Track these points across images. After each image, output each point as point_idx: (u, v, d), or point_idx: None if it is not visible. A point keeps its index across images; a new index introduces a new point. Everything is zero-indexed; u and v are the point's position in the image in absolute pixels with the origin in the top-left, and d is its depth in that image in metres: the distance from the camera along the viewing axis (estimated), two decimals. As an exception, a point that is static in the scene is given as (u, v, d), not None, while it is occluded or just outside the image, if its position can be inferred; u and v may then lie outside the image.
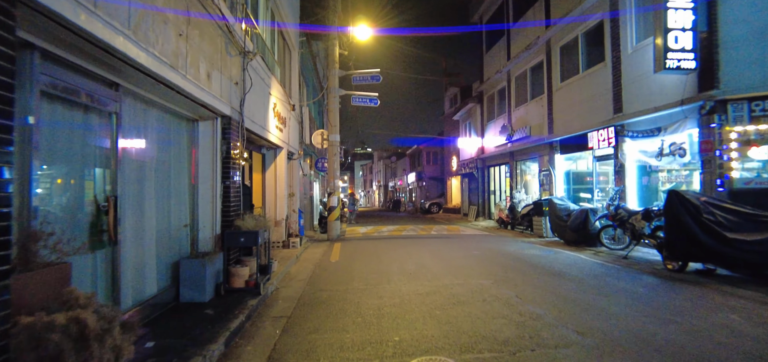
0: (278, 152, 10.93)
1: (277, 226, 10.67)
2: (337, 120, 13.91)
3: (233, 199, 6.45)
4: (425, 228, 16.88)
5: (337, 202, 13.83)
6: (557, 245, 11.28)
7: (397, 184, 52.41)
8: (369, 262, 8.79)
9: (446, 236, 13.81)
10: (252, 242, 5.92)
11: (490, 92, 19.87)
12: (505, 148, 17.71)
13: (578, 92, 12.59)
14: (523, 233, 14.62)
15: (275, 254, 9.58)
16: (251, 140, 8.87)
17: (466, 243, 11.86)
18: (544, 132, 14.61)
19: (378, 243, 12.18)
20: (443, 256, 9.36)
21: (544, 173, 14.99)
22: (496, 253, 9.75)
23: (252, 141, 8.93)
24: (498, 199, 19.37)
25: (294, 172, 13.11)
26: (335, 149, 13.85)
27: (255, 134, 8.08)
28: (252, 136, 8.39)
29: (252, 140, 8.85)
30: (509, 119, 17.50)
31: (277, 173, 10.92)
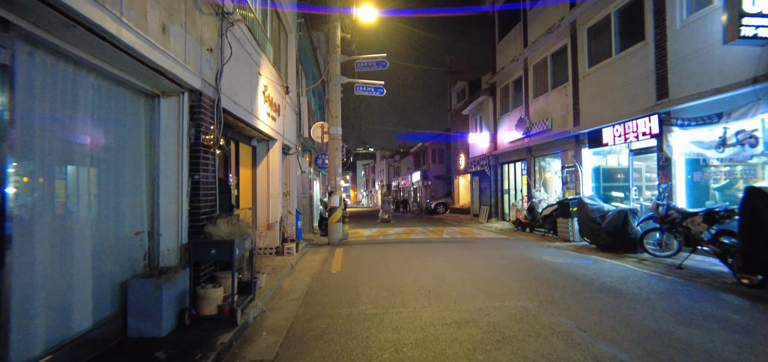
0: (271, 144, 9.52)
1: (270, 230, 9.26)
2: (338, 111, 12.50)
3: (205, 198, 5.03)
4: (435, 230, 15.44)
5: (339, 202, 12.41)
6: (590, 251, 9.84)
7: (400, 183, 50.96)
8: (376, 273, 7.37)
9: (460, 240, 12.37)
10: (226, 255, 4.50)
11: (504, 83, 18.42)
12: (521, 143, 16.26)
13: (610, 78, 11.13)
14: (544, 236, 13.17)
15: (267, 263, 8.17)
16: (234, 127, 7.46)
17: (485, 249, 10.42)
18: (568, 124, 13.16)
19: (385, 249, 10.75)
20: (464, 265, 7.92)
21: (569, 170, 13.54)
22: (525, 261, 8.31)
23: (235, 128, 7.51)
24: (513, 199, 17.91)
25: (290, 168, 11.70)
26: (337, 142, 12.43)
27: (239, 119, 6.66)
28: (236, 122, 6.98)
29: (234, 126, 7.43)
30: (526, 112, 16.05)
31: (270, 168, 9.50)
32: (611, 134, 11.03)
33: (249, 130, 8.10)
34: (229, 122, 6.80)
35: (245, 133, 8.38)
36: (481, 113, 21.10)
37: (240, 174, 8.28)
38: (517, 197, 17.51)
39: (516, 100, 17.44)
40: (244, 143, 8.59)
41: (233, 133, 7.75)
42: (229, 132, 7.58)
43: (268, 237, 9.17)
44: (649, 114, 9.54)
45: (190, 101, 4.92)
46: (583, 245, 10.91)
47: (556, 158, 14.96)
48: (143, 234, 4.50)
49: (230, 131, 7.52)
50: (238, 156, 8.23)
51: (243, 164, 8.53)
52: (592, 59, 12.09)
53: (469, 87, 27.33)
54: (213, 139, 5.17)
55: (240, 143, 8.27)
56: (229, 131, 7.48)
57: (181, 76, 4.48)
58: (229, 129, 7.38)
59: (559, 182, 15.03)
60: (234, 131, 7.72)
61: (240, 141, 8.27)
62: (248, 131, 8.27)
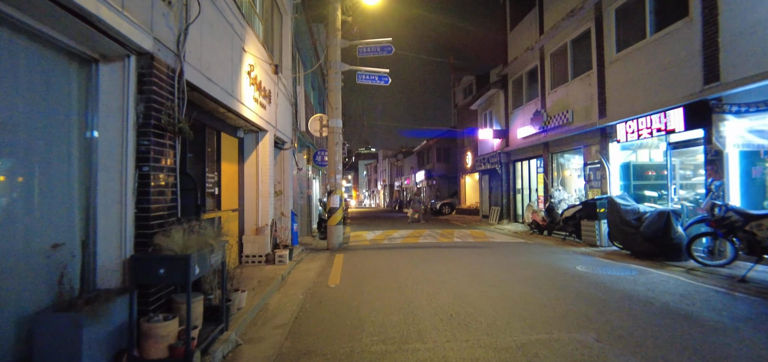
0: (261, 136, 8.31)
1: (259, 235, 8.05)
2: (338, 101, 11.28)
3: (158, 197, 3.82)
4: (445, 233, 14.20)
5: (340, 203, 11.19)
6: (623, 258, 8.60)
7: (403, 183, 49.73)
8: (383, 288, 6.14)
9: (475, 245, 11.14)
10: (178, 275, 3.29)
11: (517, 74, 17.16)
12: (537, 138, 15.01)
13: (644, 63, 9.88)
14: (565, 240, 11.93)
15: (253, 275, 6.96)
16: (213, 113, 6.25)
17: (504, 255, 9.18)
18: (591, 117, 11.90)
19: (391, 255, 9.52)
20: (486, 277, 6.69)
21: (592, 167, 12.28)
22: (556, 272, 7.07)
23: (214, 114, 6.29)
24: (528, 199, 16.65)
25: (284, 165, 10.49)
26: (337, 136, 11.21)
27: (215, 100, 5.45)
28: (215, 107, 5.77)
29: (212, 112, 6.22)
30: (543, 104, 14.80)
31: (260, 164, 8.30)
32: (645, 125, 9.77)
33: (232, 117, 6.89)
34: (201, 103, 5.59)
35: (229, 121, 7.17)
36: (490, 107, 19.85)
37: (222, 170, 7.06)
38: (532, 197, 16.26)
39: (530, 92, 16.19)
40: (228, 133, 7.38)
41: (213, 120, 6.54)
42: (208, 119, 6.37)
43: (256, 243, 7.96)
44: (694, 101, 8.28)
45: (139, 68, 3.71)
46: (613, 251, 9.68)
47: (576, 154, 13.70)
48: (63, 247, 3.29)
49: (208, 118, 6.31)
50: (220, 149, 7.02)
51: (226, 159, 7.32)
52: (621, 43, 10.83)
53: (476, 82, 26.09)
54: (172, 120, 3.95)
55: (222, 132, 7.06)
56: (207, 117, 6.27)
57: (122, 31, 3.27)
58: (206, 115, 6.18)
59: (580, 181, 13.77)
60: (213, 117, 6.51)
61: (222, 131, 7.06)
62: (232, 119, 7.06)
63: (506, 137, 18.03)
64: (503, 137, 18.14)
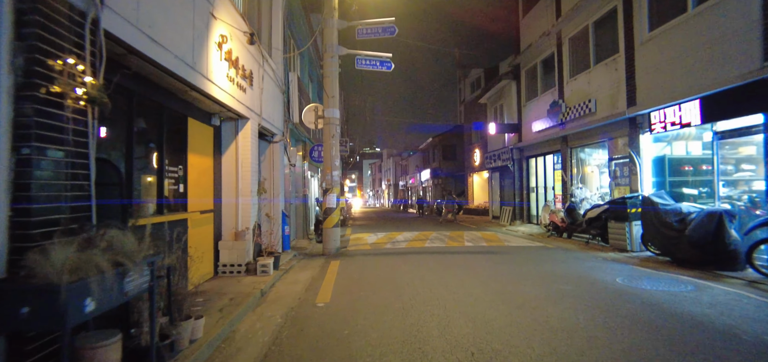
0: (241, 125, 7.13)
1: (238, 240, 6.86)
2: (335, 89, 10.08)
3: (46, 194, 2.63)
4: (453, 236, 12.95)
5: (336, 203, 9.99)
6: (664, 266, 7.36)
7: (408, 182, 48.49)
8: (382, 310, 4.93)
9: (488, 250, 9.90)
10: (49, 318, 2.08)
11: (531, 63, 15.88)
12: (554, 132, 13.73)
13: (684, 41, 8.60)
14: (589, 244, 10.66)
15: (227, 290, 5.78)
16: (171, 90, 5.05)
17: (526, 264, 7.95)
18: (618, 105, 10.62)
19: (394, 263, 8.32)
20: (511, 295, 5.46)
21: (619, 162, 11.00)
22: (595, 288, 5.82)
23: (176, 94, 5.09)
24: (544, 198, 15.36)
25: (274, 160, 9.31)
26: (333, 128, 10.01)
27: (163, 69, 4.27)
28: (170, 82, 4.59)
29: (169, 89, 5.02)
30: (560, 94, 13.51)
31: (240, 157, 7.11)
32: (689, 111, 8.49)
33: (202, 99, 5.72)
34: (153, 76, 4.41)
35: (198, 104, 5.99)
36: (501, 100, 18.58)
37: (189, 163, 5.87)
38: (548, 196, 14.97)
39: (546, 82, 14.91)
40: (199, 119, 6.19)
41: (174, 101, 5.36)
42: (167, 99, 5.20)
43: (234, 251, 6.77)
44: (751, 80, 7.00)
45: (17, 2, 2.52)
46: (648, 258, 8.42)
47: (600, 148, 12.42)
48: None
49: (167, 97, 5.13)
50: (187, 137, 5.83)
51: (196, 150, 6.13)
52: (655, 20, 9.54)
53: (484, 75, 24.81)
54: (77, 84, 2.76)
55: (189, 118, 5.87)
56: (165, 96, 5.09)
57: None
58: (164, 93, 4.99)
59: (603, 178, 12.51)
60: (175, 97, 5.33)
61: (189, 115, 5.88)
62: (202, 102, 5.88)
63: (519, 132, 16.75)
64: (516, 131, 16.86)
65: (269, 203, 9.23)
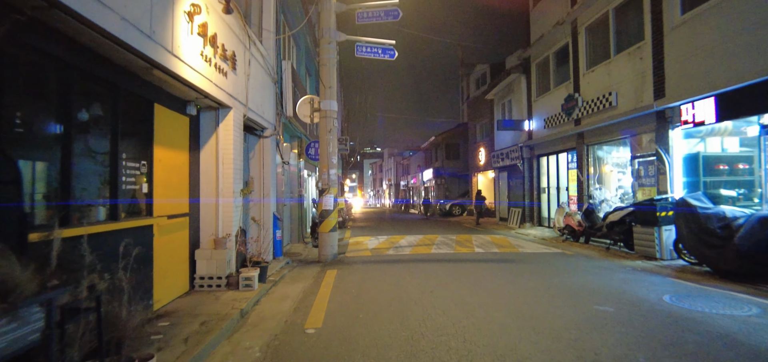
0: (221, 115, 6.18)
1: (218, 248, 5.91)
2: (333, 79, 9.12)
3: None
4: (461, 241, 11.99)
5: (334, 204, 9.04)
6: (708, 279, 6.42)
7: (410, 182, 47.53)
8: (386, 342, 3.98)
9: (503, 258, 8.95)
10: None
11: (542, 56, 14.91)
12: (568, 128, 12.77)
13: (723, 23, 7.64)
14: (610, 250, 9.70)
15: (199, 309, 4.85)
16: (119, 63, 4.07)
17: (549, 275, 7.00)
18: (644, 98, 9.66)
19: (398, 274, 7.36)
20: (542, 320, 4.50)
21: (643, 160, 10.04)
22: (643, 311, 4.86)
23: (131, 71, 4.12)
24: (556, 199, 14.37)
25: (264, 157, 8.37)
26: (330, 122, 9.05)
27: (104, 32, 3.32)
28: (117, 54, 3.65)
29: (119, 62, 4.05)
30: (576, 87, 12.54)
31: (221, 152, 6.16)
32: (740, 102, 7.53)
33: (171, 82, 4.77)
34: (94, 44, 3.46)
35: (167, 88, 5.04)
36: (510, 95, 17.60)
37: (156, 158, 4.92)
38: (562, 197, 14.00)
39: (559, 75, 13.93)
40: (169, 107, 5.24)
41: (134, 82, 4.41)
42: (125, 80, 4.25)
43: (213, 261, 5.82)
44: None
45: None
46: (683, 268, 7.48)
47: (620, 145, 11.47)
48: None
49: (125, 77, 4.17)
50: (153, 127, 4.88)
51: (166, 142, 5.18)
52: (688, 3, 8.57)
53: (490, 70, 23.83)
54: None
55: (155, 104, 4.92)
56: (124, 76, 4.13)
57: None
58: (121, 73, 4.03)
59: (625, 177, 11.57)
60: (135, 78, 4.38)
61: (156, 101, 4.92)
62: (172, 86, 4.93)
63: (529, 129, 15.78)
64: (525, 128, 15.89)
65: (260, 204, 8.30)
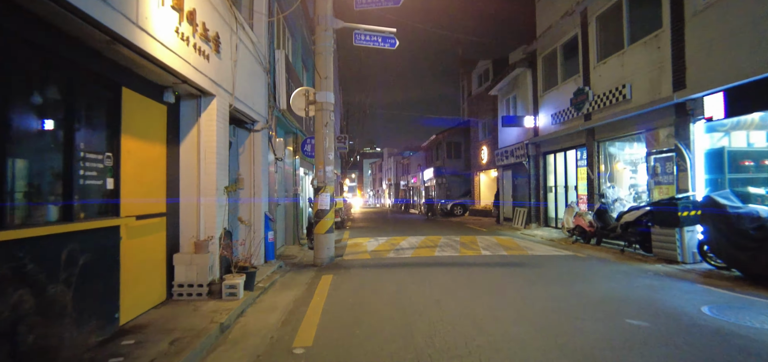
0: (203, 104, 5.55)
1: (199, 252, 5.29)
2: (329, 68, 8.50)
3: None
4: (466, 242, 11.36)
5: (330, 203, 8.42)
6: (741, 285, 5.82)
7: (410, 181, 46.91)
8: (388, 362, 3.36)
9: (512, 262, 8.33)
10: None
11: (549, 49, 14.29)
12: (578, 124, 12.15)
13: (751, 6, 7.04)
14: (625, 252, 9.10)
15: (173, 324, 4.25)
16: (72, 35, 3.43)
17: (567, 282, 6.38)
18: (661, 90, 9.04)
19: (400, 280, 6.75)
20: (575, 344, 3.87)
21: (660, 157, 9.42)
22: (683, 326, 4.25)
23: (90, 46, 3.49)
24: (564, 198, 13.74)
25: (254, 152, 7.76)
26: (327, 115, 8.43)
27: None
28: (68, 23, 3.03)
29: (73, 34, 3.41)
30: (586, 81, 11.93)
31: (203, 146, 5.54)
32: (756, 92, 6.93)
33: (140, 62, 4.15)
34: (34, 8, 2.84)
35: (138, 70, 4.41)
36: (515, 91, 16.98)
37: (124, 149, 4.30)
38: (570, 196, 13.38)
39: (568, 68, 13.32)
40: (142, 92, 4.61)
41: (94, 60, 3.78)
42: (85, 57, 3.63)
43: (194, 266, 5.20)
44: None
45: None
46: (708, 271, 6.89)
47: (634, 141, 10.86)
48: None
49: (81, 54, 3.55)
50: (121, 114, 4.26)
51: (139, 133, 4.56)
52: (712, -13, 7.97)
53: (493, 66, 23.23)
54: None
55: (123, 87, 4.30)
56: (77, 50, 3.51)
57: None
58: (72, 45, 3.41)
59: (637, 175, 10.97)
60: (97, 56, 3.75)
61: (125, 85, 4.31)
62: (143, 67, 4.31)
63: (535, 125, 15.16)
64: (530, 124, 15.27)
65: (250, 203, 7.68)
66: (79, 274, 3.38)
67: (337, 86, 30.06)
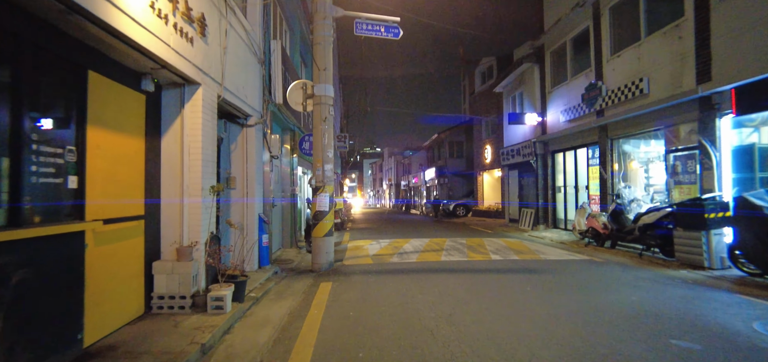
0: (188, 92, 4.97)
1: (182, 260, 4.71)
2: (329, 59, 7.92)
3: None
4: (473, 245, 10.77)
5: (330, 205, 7.84)
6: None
7: (411, 181, 46.33)
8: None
9: (527, 269, 7.76)
10: None
11: (558, 43, 13.72)
12: (590, 120, 11.58)
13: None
14: (643, 256, 8.53)
15: (150, 343, 3.68)
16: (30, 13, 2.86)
17: (592, 292, 5.81)
18: (683, 83, 8.47)
19: (406, 289, 6.17)
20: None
21: (682, 154, 8.85)
22: (744, 350, 3.67)
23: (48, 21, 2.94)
24: (574, 198, 13.16)
25: (247, 149, 7.19)
26: (326, 110, 7.85)
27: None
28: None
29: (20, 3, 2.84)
30: (598, 75, 11.35)
31: (187, 139, 4.96)
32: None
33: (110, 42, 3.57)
34: None
35: (107, 51, 3.83)
36: (521, 87, 16.40)
37: (90, 143, 3.72)
38: (581, 196, 12.80)
39: (578, 63, 12.74)
40: (112, 77, 4.03)
41: (51, 37, 3.20)
42: (35, 30, 3.05)
43: (176, 276, 4.62)
44: None
45: None
46: (740, 278, 6.33)
47: (652, 138, 10.28)
48: None
49: (34, 27, 2.97)
50: (87, 101, 3.68)
51: (110, 123, 3.98)
52: (740, -29, 7.39)
53: (497, 63, 22.64)
54: None
55: (90, 71, 3.72)
56: (28, 23, 2.93)
57: None
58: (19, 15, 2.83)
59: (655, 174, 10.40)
60: (54, 31, 3.17)
61: (91, 67, 3.73)
62: (114, 49, 3.73)
63: (542, 123, 14.58)
64: (538, 122, 14.68)
65: (242, 204, 7.11)
66: (29, 290, 2.80)
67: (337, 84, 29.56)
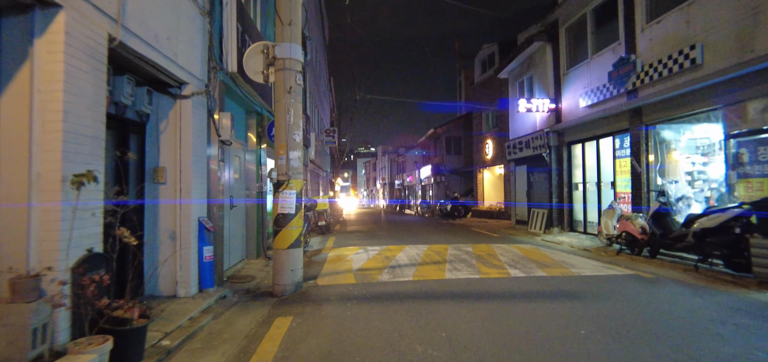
0: (40, 21, 2.99)
1: (16, 299, 2.73)
2: (296, 15, 5.96)
3: None
4: (482, 255, 8.82)
5: (297, 206, 5.87)
6: None
7: (406, 180, 44.41)
8: None
9: (561, 292, 5.87)
10: None
11: (577, 15, 11.82)
12: (618, 103, 9.73)
13: None
14: (700, 269, 6.69)
15: None
16: None
17: (670, 333, 3.90)
18: (755, 45, 6.63)
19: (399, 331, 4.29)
20: None
21: (751, 139, 7.00)
22: None
23: None
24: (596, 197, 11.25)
25: (181, 129, 5.24)
26: (291, 78, 5.88)
27: None
28: None
29: None
30: (631, 48, 9.48)
31: (38, 100, 2.98)
32: None
33: None
34: None
35: None
36: (530, 70, 14.50)
37: None
38: (605, 194, 10.91)
39: (603, 36, 10.86)
40: None
41: None
42: None
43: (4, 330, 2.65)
44: None
45: None
46: None
47: (703, 121, 8.40)
48: None
49: None
50: None
51: None
52: None
53: (499, 50, 20.77)
54: None
55: None
56: None
57: None
58: None
59: (704, 167, 8.56)
60: None
61: None
62: None
63: (557, 110, 12.71)
64: (552, 110, 12.81)
65: (174, 206, 5.14)
66: None
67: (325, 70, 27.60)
